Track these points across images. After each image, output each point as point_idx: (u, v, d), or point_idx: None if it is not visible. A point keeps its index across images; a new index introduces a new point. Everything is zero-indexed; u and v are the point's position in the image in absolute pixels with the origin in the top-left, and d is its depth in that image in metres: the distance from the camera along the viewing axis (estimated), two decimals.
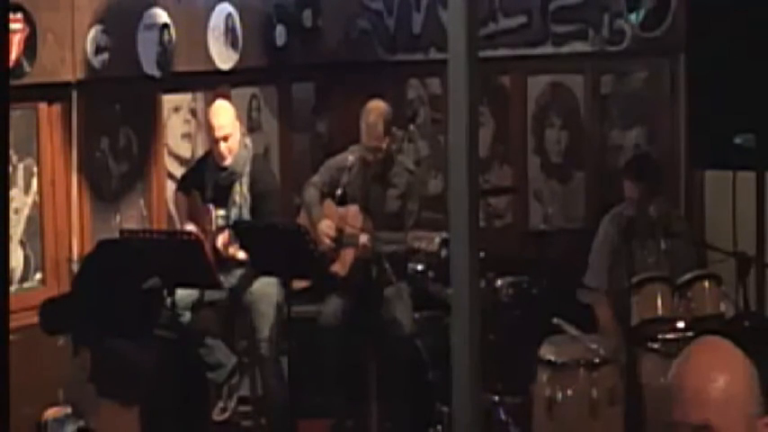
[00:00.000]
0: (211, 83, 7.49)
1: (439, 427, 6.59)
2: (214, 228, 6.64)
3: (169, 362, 2.50)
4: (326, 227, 6.58)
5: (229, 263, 6.60)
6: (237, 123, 6.71)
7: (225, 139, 6.59)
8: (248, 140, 6.83)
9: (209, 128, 6.71)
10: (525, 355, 6.20)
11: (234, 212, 6.61)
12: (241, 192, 6.65)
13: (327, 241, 6.55)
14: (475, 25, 5.68)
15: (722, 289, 5.98)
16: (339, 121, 8.21)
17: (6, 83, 2.70)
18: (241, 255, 6.52)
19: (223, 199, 6.69)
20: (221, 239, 6.57)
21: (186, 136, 7.34)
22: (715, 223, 7.12)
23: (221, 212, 6.67)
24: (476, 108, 6.01)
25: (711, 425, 2.27)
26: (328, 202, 6.74)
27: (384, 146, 6.60)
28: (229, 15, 7.52)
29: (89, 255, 2.52)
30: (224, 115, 6.65)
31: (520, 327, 6.85)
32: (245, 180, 6.65)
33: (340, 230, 6.63)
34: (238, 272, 6.64)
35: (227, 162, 6.61)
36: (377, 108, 6.65)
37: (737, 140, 5.27)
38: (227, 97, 7.24)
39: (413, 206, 6.64)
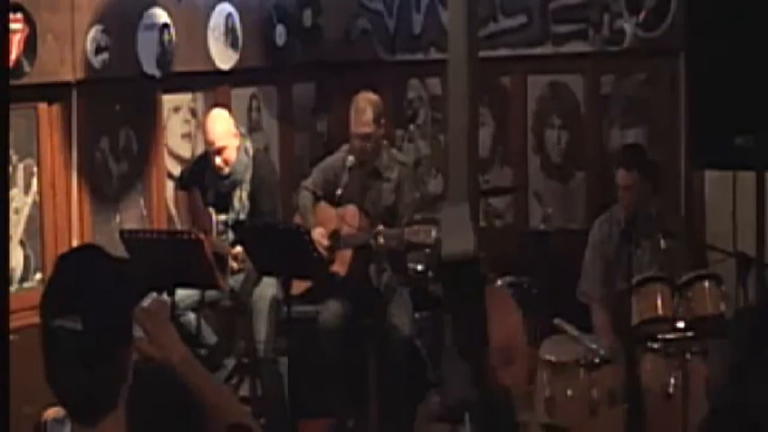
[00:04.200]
0: (211, 83, 7.49)
1: None
2: (214, 233, 6.65)
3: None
4: (319, 235, 6.56)
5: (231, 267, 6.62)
6: (234, 132, 6.67)
7: (219, 151, 6.58)
8: (249, 144, 6.80)
9: (205, 139, 6.73)
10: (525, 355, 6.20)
11: (231, 218, 6.63)
12: (240, 198, 6.65)
13: (321, 251, 6.53)
14: (475, 25, 5.69)
15: (722, 289, 5.98)
16: (339, 121, 8.20)
17: (6, 83, 2.70)
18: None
19: (224, 205, 6.69)
20: (232, 256, 6.57)
21: (186, 136, 7.34)
22: (715, 223, 7.12)
23: (222, 218, 6.68)
24: (476, 108, 6.03)
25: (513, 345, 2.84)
26: (323, 205, 6.74)
27: (373, 131, 6.56)
28: (229, 15, 7.52)
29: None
30: (219, 126, 6.61)
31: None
32: (246, 187, 6.65)
33: (338, 231, 6.63)
34: (240, 276, 6.65)
35: (227, 171, 6.62)
36: (365, 96, 6.67)
37: (737, 140, 5.27)
38: (224, 102, 7.24)
39: (408, 199, 6.62)
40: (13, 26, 5.99)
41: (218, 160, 6.60)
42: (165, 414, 2.61)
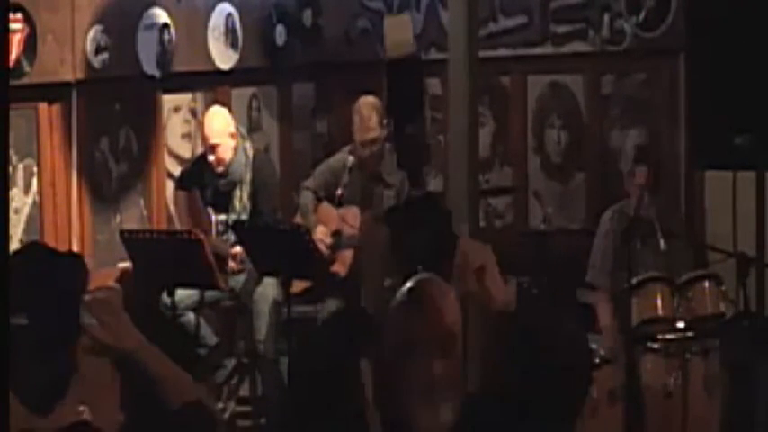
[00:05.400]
0: (211, 83, 7.49)
1: None
2: (214, 233, 6.65)
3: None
4: (321, 233, 6.57)
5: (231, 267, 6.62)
6: (232, 131, 6.68)
7: (213, 148, 6.59)
8: (248, 145, 6.80)
9: (201, 135, 6.75)
10: None
11: (232, 218, 6.63)
12: (241, 199, 6.65)
13: (323, 249, 6.53)
14: (475, 25, 5.69)
15: (722, 289, 5.98)
16: (339, 121, 8.20)
17: (6, 83, 2.70)
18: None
19: (223, 205, 6.69)
20: (231, 256, 6.57)
21: (186, 136, 7.34)
22: (715, 223, 7.12)
23: (222, 218, 6.68)
24: (476, 108, 6.04)
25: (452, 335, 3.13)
26: (324, 205, 6.74)
27: (378, 135, 6.59)
28: (229, 15, 7.52)
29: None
30: (216, 124, 6.64)
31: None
32: (246, 188, 6.65)
33: (339, 231, 6.63)
34: (241, 276, 6.65)
35: (221, 170, 6.63)
36: (368, 102, 6.70)
37: (737, 140, 5.27)
38: (224, 102, 7.24)
39: None
40: (13, 26, 5.99)
41: (211, 157, 6.61)
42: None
